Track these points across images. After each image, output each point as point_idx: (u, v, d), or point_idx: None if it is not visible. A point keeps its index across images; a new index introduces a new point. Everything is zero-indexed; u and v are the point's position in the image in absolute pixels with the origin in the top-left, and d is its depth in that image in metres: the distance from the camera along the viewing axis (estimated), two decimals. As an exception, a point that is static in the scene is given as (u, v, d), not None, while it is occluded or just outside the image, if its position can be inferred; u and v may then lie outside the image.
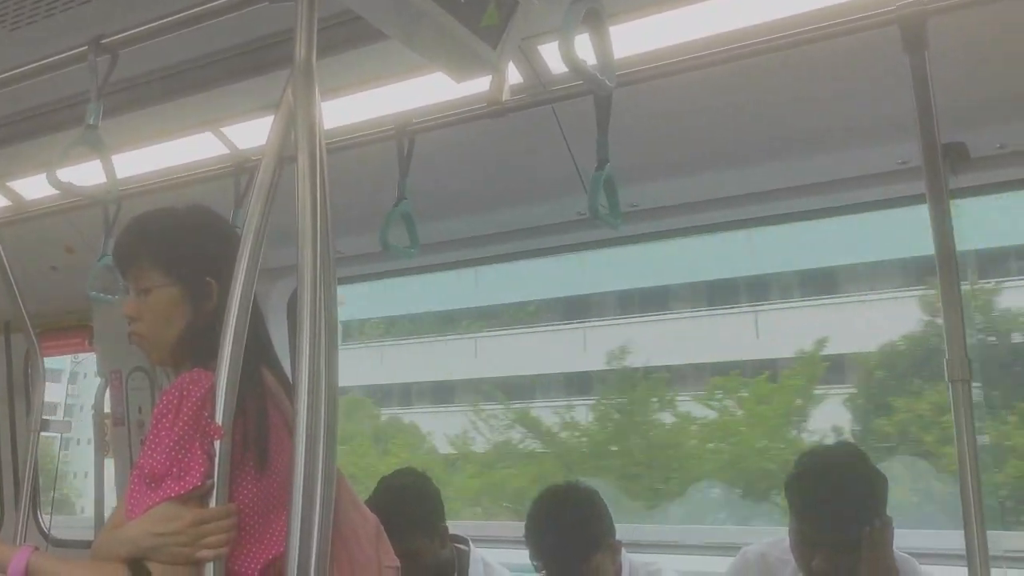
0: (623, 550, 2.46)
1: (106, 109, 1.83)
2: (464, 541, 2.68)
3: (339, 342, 1.42)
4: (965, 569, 1.49)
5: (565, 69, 1.86)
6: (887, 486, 2.11)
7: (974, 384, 1.49)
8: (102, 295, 2.50)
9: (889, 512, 2.03)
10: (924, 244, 1.57)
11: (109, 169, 1.84)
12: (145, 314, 1.62)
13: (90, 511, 3.40)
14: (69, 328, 3.56)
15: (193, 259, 1.62)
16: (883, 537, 2.00)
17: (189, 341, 1.60)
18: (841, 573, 2.01)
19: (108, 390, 3.31)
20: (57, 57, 1.88)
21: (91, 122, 1.79)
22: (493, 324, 18.31)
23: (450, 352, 18.73)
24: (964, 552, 1.47)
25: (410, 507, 2.44)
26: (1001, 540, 2.42)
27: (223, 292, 1.52)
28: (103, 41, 1.76)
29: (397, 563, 1.67)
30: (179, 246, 1.63)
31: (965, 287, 1.58)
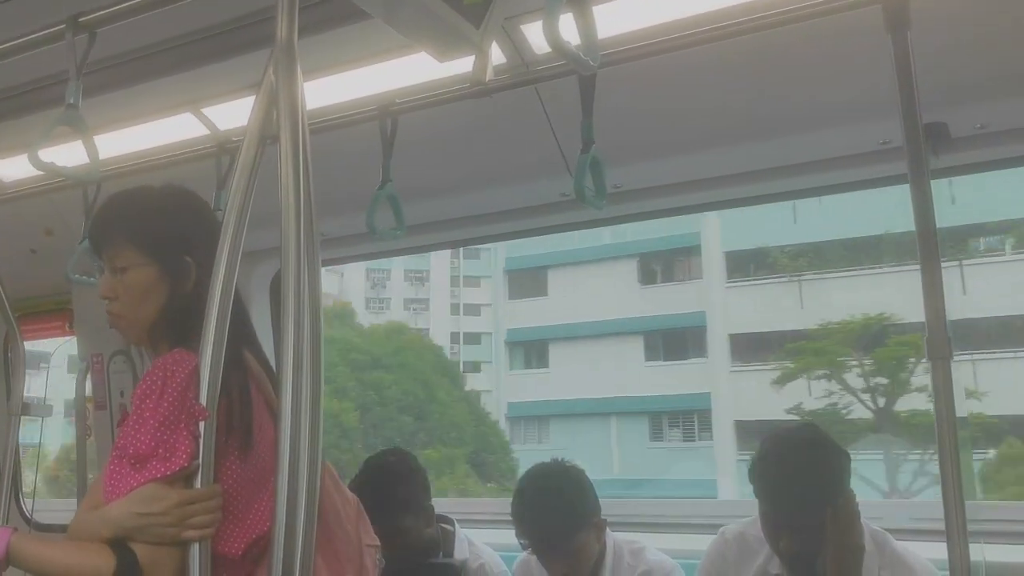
0: (607, 528, 2.48)
1: (84, 89, 1.81)
2: (450, 521, 2.69)
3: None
4: (942, 544, 1.52)
5: (549, 49, 1.86)
6: (850, 463, 2.15)
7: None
8: (82, 278, 2.48)
9: None
10: None
11: (91, 150, 1.82)
12: (121, 294, 1.60)
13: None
14: (49, 312, 3.53)
15: (170, 238, 1.60)
16: (847, 514, 2.04)
17: (167, 321, 1.59)
18: (809, 553, 2.05)
19: (89, 374, 3.29)
20: (33, 36, 1.85)
21: (71, 102, 1.76)
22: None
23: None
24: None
25: (396, 487, 2.45)
26: (980, 511, 2.46)
27: (201, 272, 1.51)
28: (81, 19, 1.73)
29: (377, 542, 1.68)
30: (155, 224, 1.61)
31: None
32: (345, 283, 44.12)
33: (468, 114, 2.12)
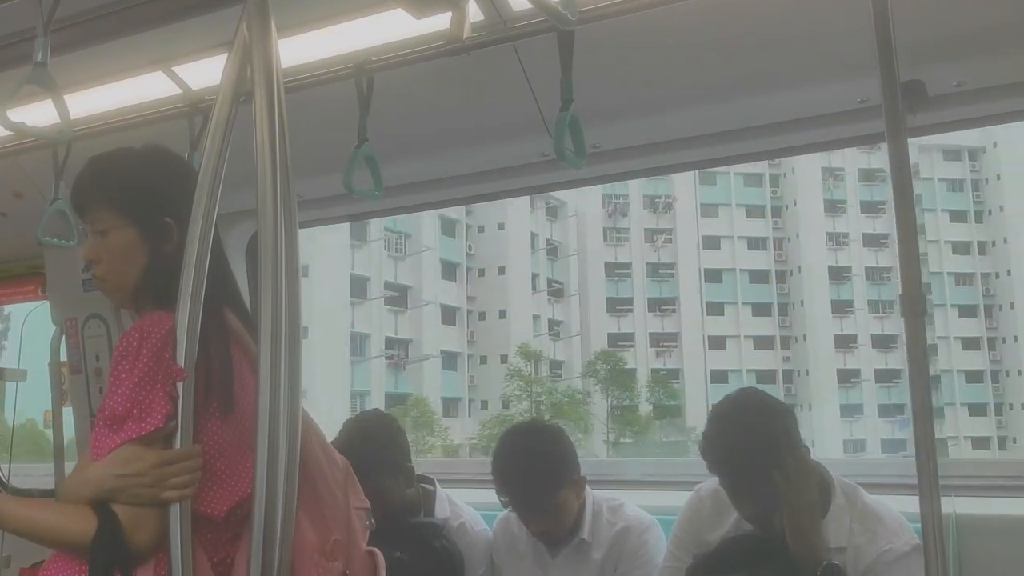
0: (587, 486, 2.52)
1: (51, 48, 1.77)
2: (430, 481, 2.71)
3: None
4: (914, 497, 1.55)
5: (527, 6, 1.84)
6: (795, 420, 2.20)
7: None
8: (55, 240, 2.44)
9: None
10: None
11: (61, 108, 1.79)
12: (104, 257, 1.60)
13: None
14: (21, 276, 3.48)
15: (150, 199, 1.60)
16: (798, 472, 2.08)
17: (150, 283, 1.59)
18: (774, 512, 2.09)
19: (64, 338, 3.26)
20: (-3, -10, 1.80)
21: (39, 59, 1.72)
22: None
23: None
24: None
25: (376, 448, 2.46)
26: (950, 468, 2.52)
27: (182, 233, 1.50)
28: (46, -27, 1.69)
29: (367, 505, 1.70)
30: (135, 186, 1.61)
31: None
32: (579, 209, 40.05)
33: (446, 72, 2.10)
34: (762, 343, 40.78)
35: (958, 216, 41.02)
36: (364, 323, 36.34)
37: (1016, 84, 1.89)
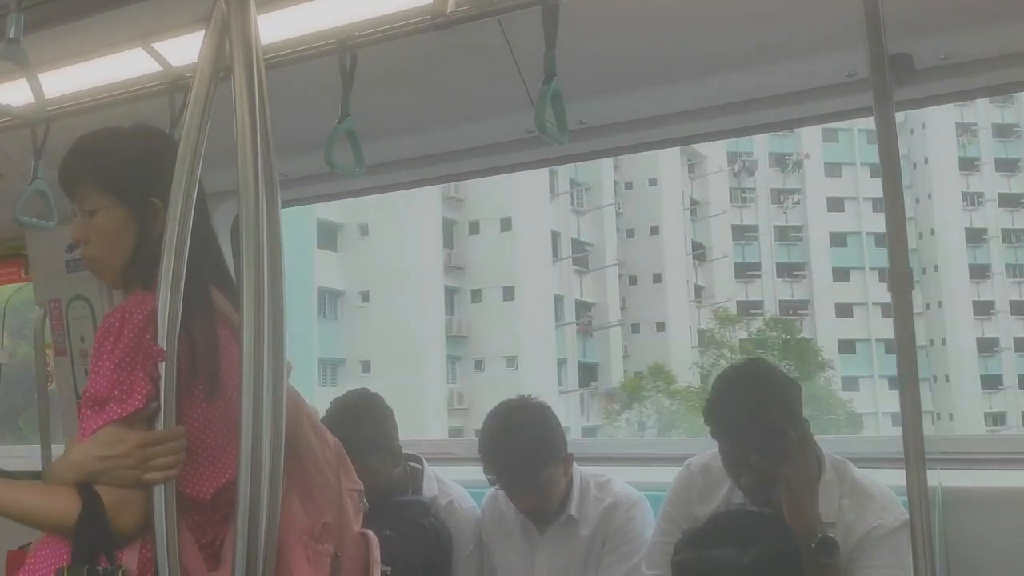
0: (574, 462, 2.52)
1: (26, 25, 1.73)
2: (418, 460, 2.71)
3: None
4: (901, 471, 1.55)
5: (511, -21, 1.81)
6: (800, 393, 2.21)
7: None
8: (35, 221, 2.42)
9: None
10: None
11: (36, 86, 1.76)
12: (93, 237, 1.59)
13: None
14: (3, 257, 3.44)
15: (137, 179, 1.58)
16: (802, 445, 2.10)
17: (138, 263, 1.57)
18: (770, 484, 2.10)
19: (48, 320, 3.23)
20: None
21: (12, 35, 1.69)
22: None
23: None
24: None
25: (363, 426, 2.46)
26: (936, 443, 2.53)
27: None
28: (19, -53, 1.65)
29: (360, 486, 1.69)
30: (123, 166, 1.59)
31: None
32: (705, 170, 35.57)
33: (430, 48, 2.07)
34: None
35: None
36: (556, 284, 32.73)
37: (1002, 57, 1.89)
